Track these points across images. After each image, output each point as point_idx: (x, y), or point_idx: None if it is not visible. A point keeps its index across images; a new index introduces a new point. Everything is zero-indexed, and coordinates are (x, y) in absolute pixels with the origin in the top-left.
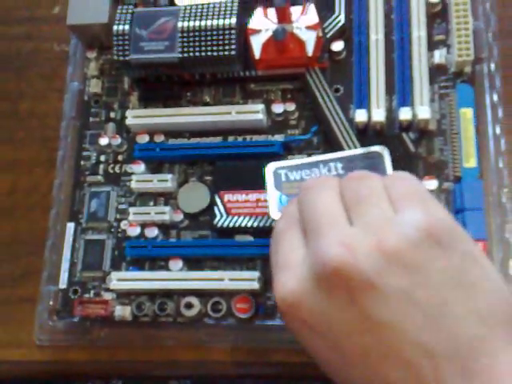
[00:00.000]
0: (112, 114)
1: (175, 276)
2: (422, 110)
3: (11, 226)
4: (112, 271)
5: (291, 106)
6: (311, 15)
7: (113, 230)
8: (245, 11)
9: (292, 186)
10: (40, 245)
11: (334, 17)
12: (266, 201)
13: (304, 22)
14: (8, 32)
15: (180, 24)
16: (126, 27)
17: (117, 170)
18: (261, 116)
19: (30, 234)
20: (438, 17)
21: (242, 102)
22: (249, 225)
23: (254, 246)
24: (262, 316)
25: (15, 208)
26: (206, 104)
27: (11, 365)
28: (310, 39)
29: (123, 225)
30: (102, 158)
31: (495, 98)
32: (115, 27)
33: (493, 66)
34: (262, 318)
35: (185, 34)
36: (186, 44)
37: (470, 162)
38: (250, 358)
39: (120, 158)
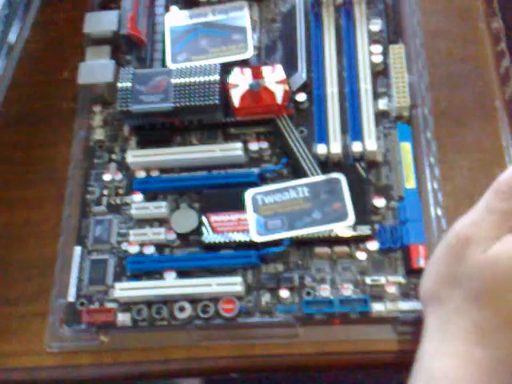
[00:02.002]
0: (114, 156)
1: (169, 284)
2: (370, 143)
3: (25, 252)
4: (115, 283)
5: (264, 145)
6: (279, 73)
7: (114, 250)
8: (224, 71)
9: (268, 208)
10: (49, 268)
11: (297, 74)
12: (245, 220)
13: (273, 78)
14: (24, 92)
15: (173, 80)
16: (129, 84)
17: (118, 200)
18: (240, 153)
19: (41, 258)
20: (380, 74)
21: (224, 143)
22: (232, 240)
23: (236, 257)
24: (244, 315)
25: (28, 237)
26: (193, 145)
27: (23, 371)
28: (278, 91)
29: (123, 246)
30: (105, 191)
31: (428, 135)
32: (119, 84)
33: (426, 110)
34: (243, 317)
35: (177, 88)
36: (177, 96)
37: (410, 184)
38: (235, 352)
39: (120, 191)
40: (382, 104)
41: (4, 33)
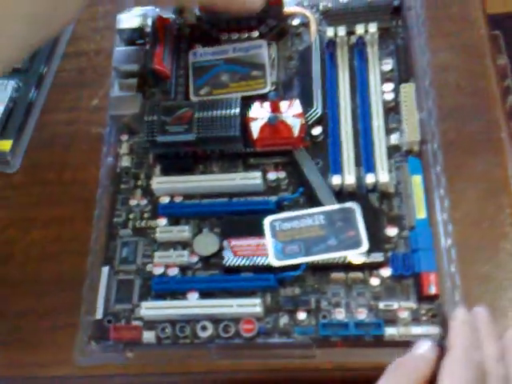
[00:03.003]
0: (139, 182)
1: (192, 304)
2: (383, 175)
3: (56, 267)
4: (141, 302)
5: (282, 174)
6: (296, 107)
7: (140, 271)
8: (244, 105)
9: (285, 234)
10: (78, 283)
11: (313, 109)
12: (264, 245)
13: (291, 112)
14: (56, 118)
15: (197, 113)
16: (155, 117)
17: (143, 224)
18: (258, 181)
19: (71, 274)
20: (392, 110)
21: (244, 172)
22: (251, 263)
23: (256, 280)
24: (263, 335)
25: (60, 253)
26: (215, 173)
27: (52, 380)
28: (295, 125)
29: (148, 267)
30: (131, 215)
31: (438, 168)
32: (146, 117)
33: (435, 145)
34: (263, 337)
35: (200, 120)
36: (200, 127)
37: (421, 214)
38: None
39: (145, 215)
40: (394, 139)
41: (34, 64)
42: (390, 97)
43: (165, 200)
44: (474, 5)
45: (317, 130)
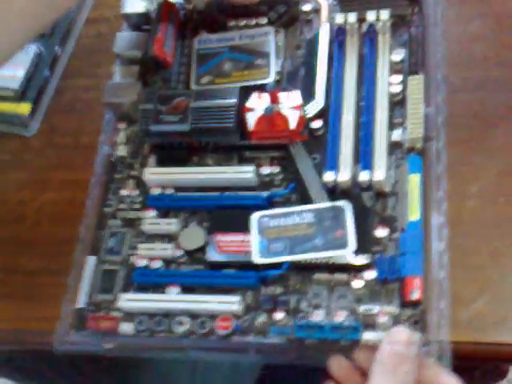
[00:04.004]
0: (133, 172)
1: (171, 298)
2: (378, 173)
3: (68, 229)
4: (121, 294)
5: (276, 169)
6: (296, 98)
7: (124, 262)
8: (246, 95)
9: (272, 231)
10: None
11: (315, 101)
12: (249, 241)
13: (289, 103)
14: (75, 84)
15: (193, 103)
16: (151, 105)
17: (132, 215)
18: (251, 175)
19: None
20: (398, 104)
21: (237, 165)
22: (234, 260)
23: (237, 277)
24: (239, 333)
25: (72, 216)
26: (208, 166)
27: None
28: (292, 117)
29: (132, 259)
30: (122, 205)
31: (440, 168)
32: (141, 105)
33: (440, 143)
34: (238, 335)
35: (196, 110)
36: (195, 117)
37: (415, 216)
38: None
39: (136, 206)
40: (397, 135)
41: (56, 29)
42: (397, 89)
43: (155, 191)
44: None
45: (317, 124)
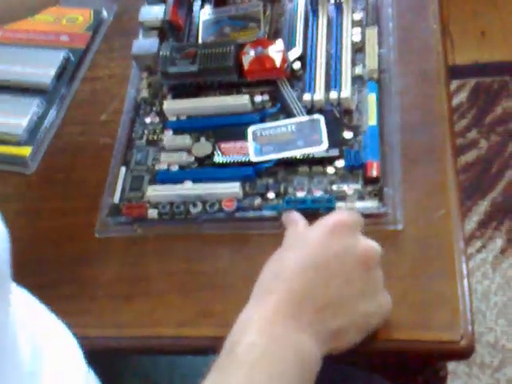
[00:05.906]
0: (154, 108)
1: (186, 187)
2: (344, 92)
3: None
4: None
5: (266, 97)
6: (279, 45)
7: (149, 170)
8: (241, 47)
9: (264, 138)
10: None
11: (295, 48)
12: (246, 147)
13: (274, 48)
14: (70, 130)
15: (200, 50)
16: (168, 53)
17: (154, 137)
18: (246, 101)
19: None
20: (359, 51)
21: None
22: (235, 160)
23: (238, 171)
24: (241, 210)
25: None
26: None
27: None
28: (277, 58)
29: (156, 167)
30: (146, 131)
31: (393, 89)
32: (161, 52)
33: (392, 72)
34: (240, 212)
35: (203, 56)
36: (202, 60)
37: (372, 121)
38: None
39: (157, 130)
40: (358, 69)
41: (57, 86)
42: (357, 39)
43: (172, 118)
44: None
45: (297, 65)
